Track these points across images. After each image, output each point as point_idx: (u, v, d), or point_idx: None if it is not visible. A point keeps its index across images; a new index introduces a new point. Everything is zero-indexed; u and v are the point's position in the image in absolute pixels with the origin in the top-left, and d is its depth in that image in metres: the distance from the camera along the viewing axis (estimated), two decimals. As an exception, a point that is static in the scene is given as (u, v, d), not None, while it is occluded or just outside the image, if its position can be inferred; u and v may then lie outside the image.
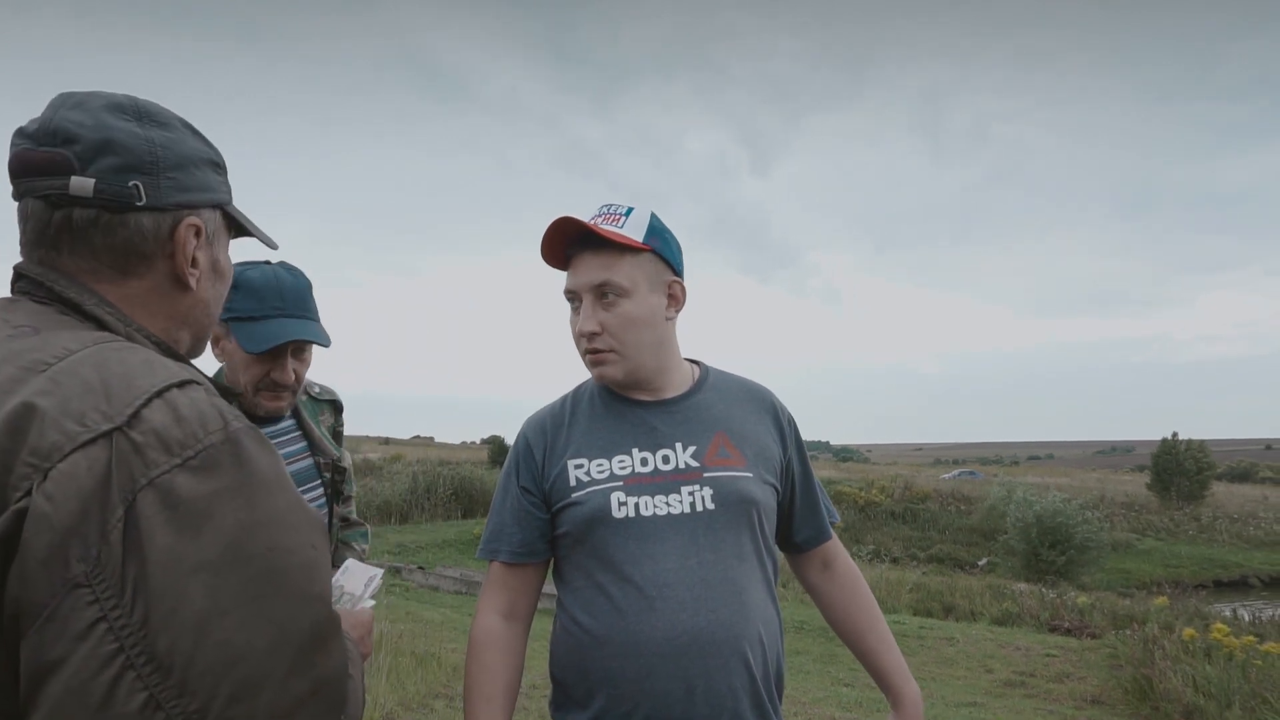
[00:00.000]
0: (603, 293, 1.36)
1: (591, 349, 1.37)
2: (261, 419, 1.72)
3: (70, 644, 0.66)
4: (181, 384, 0.76)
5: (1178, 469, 29.16)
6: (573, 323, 1.41)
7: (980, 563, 21.11)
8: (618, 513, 1.33)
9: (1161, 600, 10.23)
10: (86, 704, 0.65)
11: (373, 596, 1.21)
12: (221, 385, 0.89)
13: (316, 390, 1.96)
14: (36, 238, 0.86)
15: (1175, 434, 30.53)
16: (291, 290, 1.66)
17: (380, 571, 1.25)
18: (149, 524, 0.68)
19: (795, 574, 1.62)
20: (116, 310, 0.86)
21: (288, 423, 1.81)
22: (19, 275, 0.87)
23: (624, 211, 1.38)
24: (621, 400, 1.45)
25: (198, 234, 0.91)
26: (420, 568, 13.82)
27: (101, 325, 0.85)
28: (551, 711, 1.42)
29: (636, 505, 1.34)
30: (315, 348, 1.74)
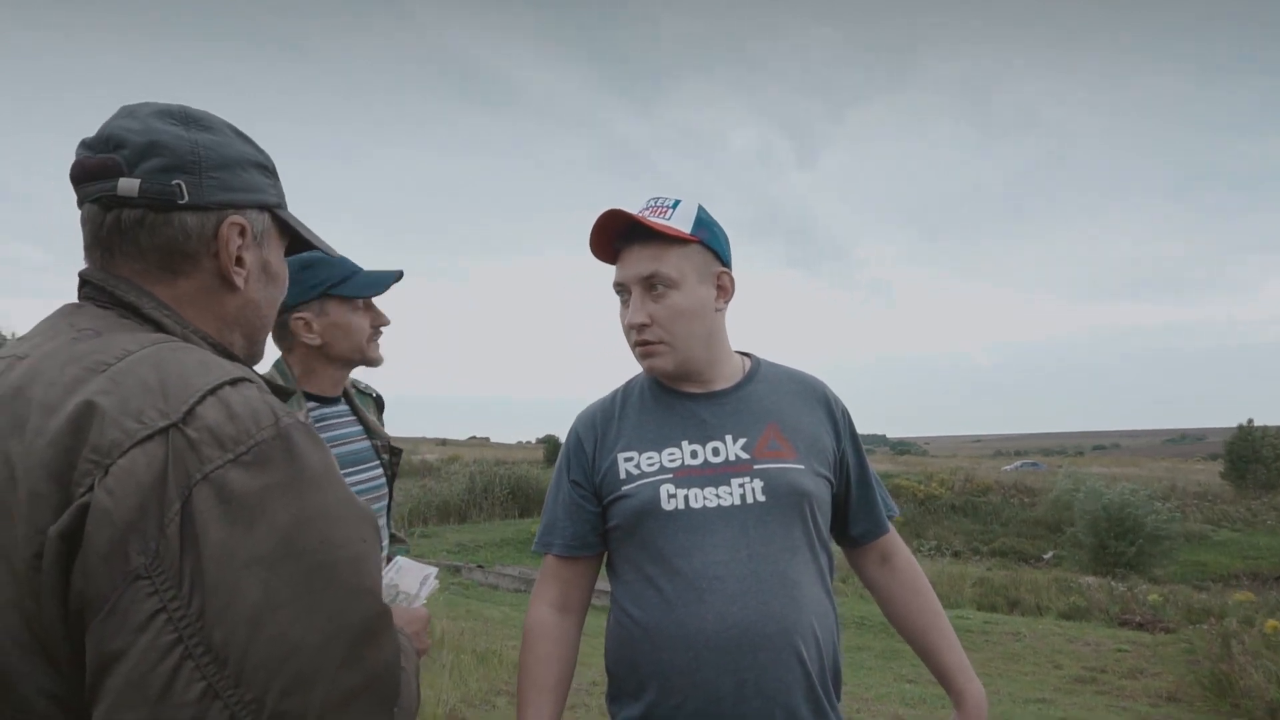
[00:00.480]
0: (651, 284, 1.36)
1: (641, 341, 1.37)
2: (322, 399, 1.81)
3: (131, 635, 0.67)
4: (234, 381, 0.78)
5: (1254, 456, 28.05)
6: (622, 315, 1.41)
7: (1046, 556, 20.56)
8: (667, 505, 1.33)
9: (1245, 595, 9.84)
10: (147, 694, 0.66)
11: (428, 596, 1.23)
12: (274, 384, 0.90)
13: (363, 385, 2.05)
14: (92, 240, 0.89)
15: (1250, 420, 29.38)
16: (353, 272, 1.81)
17: (434, 571, 1.26)
18: (204, 518, 0.70)
19: (854, 569, 1.59)
20: (173, 312, 0.89)
21: (342, 406, 1.90)
22: (84, 281, 0.90)
23: (671, 204, 1.38)
24: (671, 393, 1.44)
25: (243, 233, 0.92)
26: (480, 566, 14.03)
27: (159, 327, 0.87)
28: (607, 704, 1.43)
29: (686, 497, 1.33)
30: None
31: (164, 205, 0.87)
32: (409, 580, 1.21)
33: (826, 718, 1.34)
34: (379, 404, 2.10)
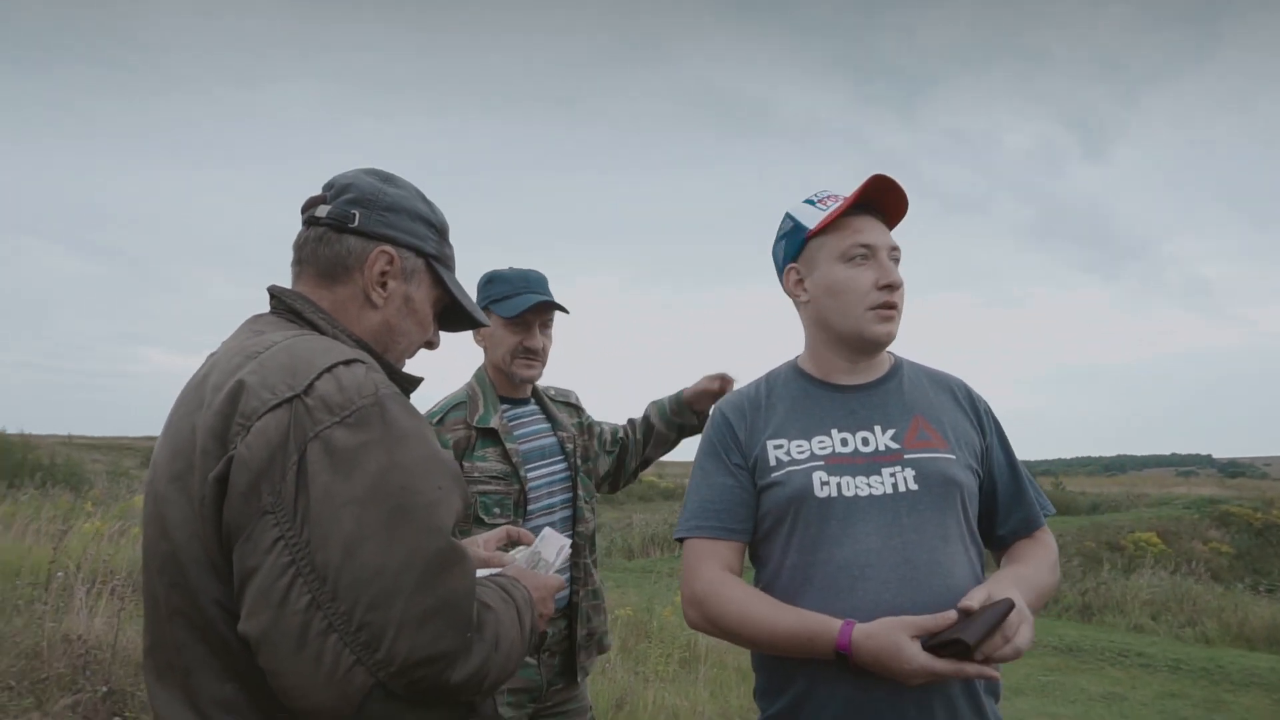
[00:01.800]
0: (895, 258, 1.42)
1: (890, 304, 1.38)
2: (510, 400, 2.12)
3: (261, 556, 0.88)
4: (348, 362, 0.98)
5: None
6: (853, 278, 1.38)
7: None
8: (820, 492, 1.33)
9: None
10: (271, 601, 0.87)
11: (562, 566, 1.31)
12: (394, 369, 1.13)
13: (553, 393, 2.29)
14: (296, 250, 1.17)
15: None
16: (535, 276, 2.12)
17: (568, 542, 1.35)
18: (314, 467, 0.90)
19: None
20: (328, 316, 1.12)
21: (532, 407, 2.19)
22: (271, 295, 1.16)
23: None
24: (818, 384, 1.45)
25: (390, 262, 1.15)
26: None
27: (315, 328, 1.10)
28: (756, 700, 1.42)
29: (839, 485, 1.33)
30: (557, 331, 2.16)
31: (339, 226, 1.13)
32: (549, 549, 1.30)
33: (982, 711, 1.27)
34: (573, 408, 2.30)
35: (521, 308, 2.04)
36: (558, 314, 2.17)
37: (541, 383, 2.27)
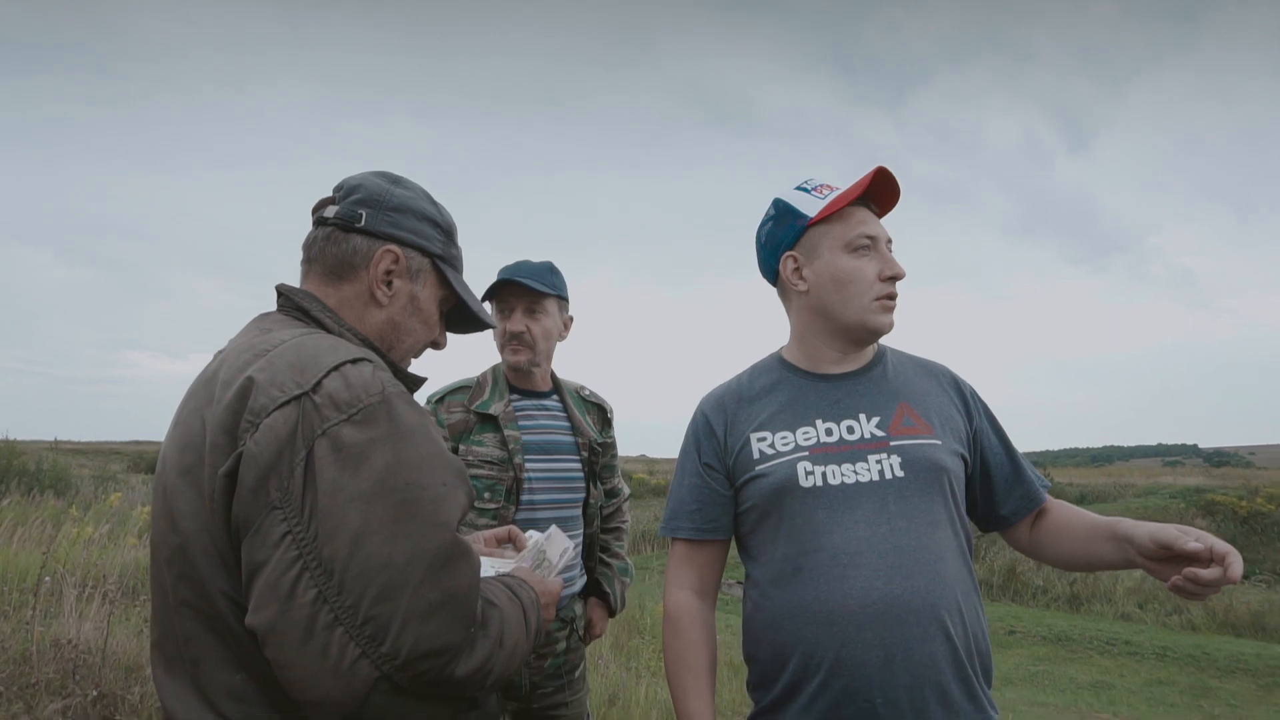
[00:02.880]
0: (890, 249, 1.43)
1: (894, 294, 1.41)
2: (521, 392, 2.12)
3: (269, 550, 0.90)
4: (355, 360, 1.00)
5: None
6: (860, 269, 1.40)
7: None
8: (805, 482, 1.33)
9: None
10: (279, 594, 0.89)
11: (566, 568, 1.31)
12: (398, 368, 1.14)
13: (587, 393, 2.28)
14: (305, 250, 1.19)
15: None
16: (525, 264, 2.10)
17: (571, 545, 1.35)
18: (321, 463, 0.91)
19: (1013, 546, 1.51)
20: (334, 315, 1.14)
21: (554, 402, 2.18)
22: (279, 294, 1.18)
23: None
24: (803, 375, 1.46)
25: (396, 261, 1.16)
26: (740, 582, 14.17)
27: (321, 326, 1.12)
28: (750, 692, 1.42)
29: (824, 474, 1.33)
30: (554, 318, 2.13)
31: (346, 226, 1.15)
32: (554, 549, 1.30)
33: (976, 697, 1.28)
34: (602, 414, 2.28)
35: (490, 295, 2.09)
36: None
37: (574, 379, 2.28)
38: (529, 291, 2.07)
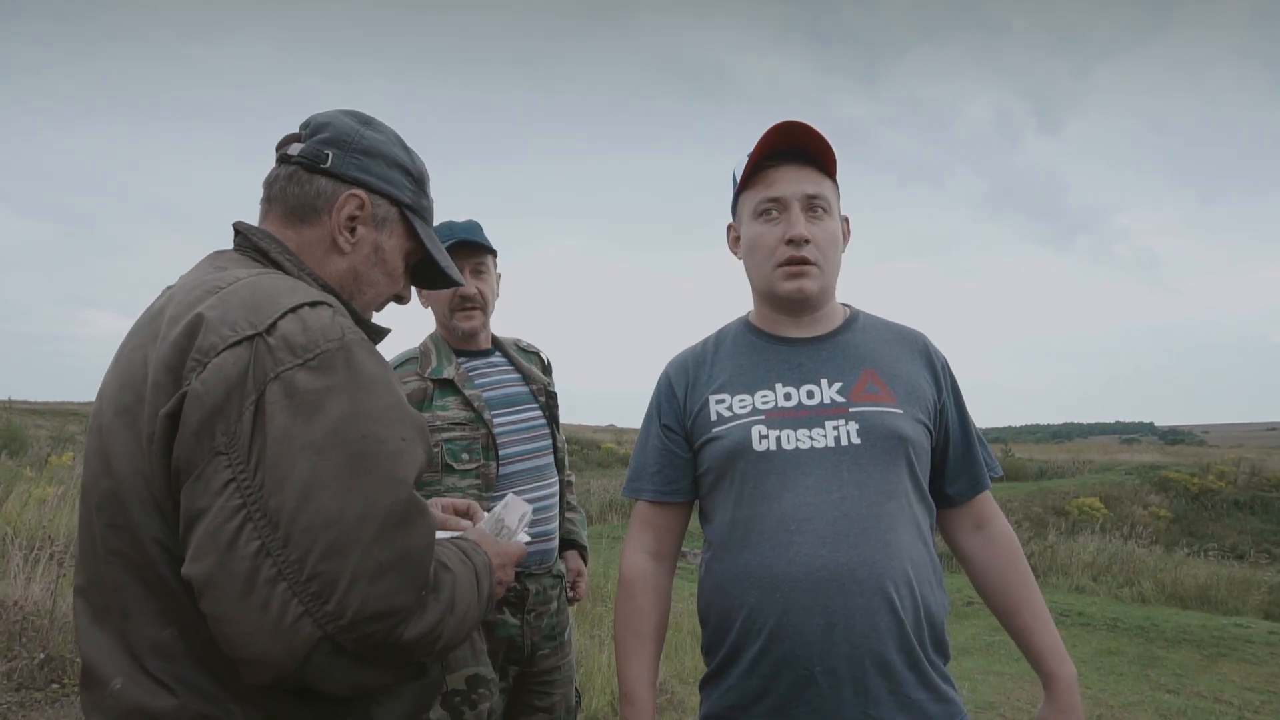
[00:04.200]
0: (812, 206, 1.36)
1: (798, 259, 1.34)
2: (466, 353, 2.08)
3: (210, 498, 0.84)
4: (314, 304, 0.94)
5: None
6: (761, 235, 1.36)
7: (1362, 562, 17.37)
8: (758, 446, 1.31)
9: None
10: (219, 544, 0.83)
11: (525, 531, 1.28)
12: (355, 314, 1.06)
13: (525, 343, 2.25)
14: (265, 188, 1.12)
15: None
16: (462, 225, 2.05)
17: (530, 509, 1.31)
18: (272, 408, 0.86)
19: (945, 536, 1.48)
20: (294, 258, 1.07)
21: (499, 357, 2.15)
22: (236, 231, 1.11)
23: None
24: (767, 337, 1.43)
25: (361, 207, 1.10)
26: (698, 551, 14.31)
27: (280, 268, 1.05)
28: (703, 656, 1.42)
29: (778, 438, 1.31)
30: (493, 275, 2.11)
31: (311, 166, 1.08)
32: (512, 515, 1.26)
33: (922, 669, 1.26)
34: (541, 363, 2.26)
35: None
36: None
37: (509, 335, 2.24)
38: (477, 250, 2.03)
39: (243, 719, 0.91)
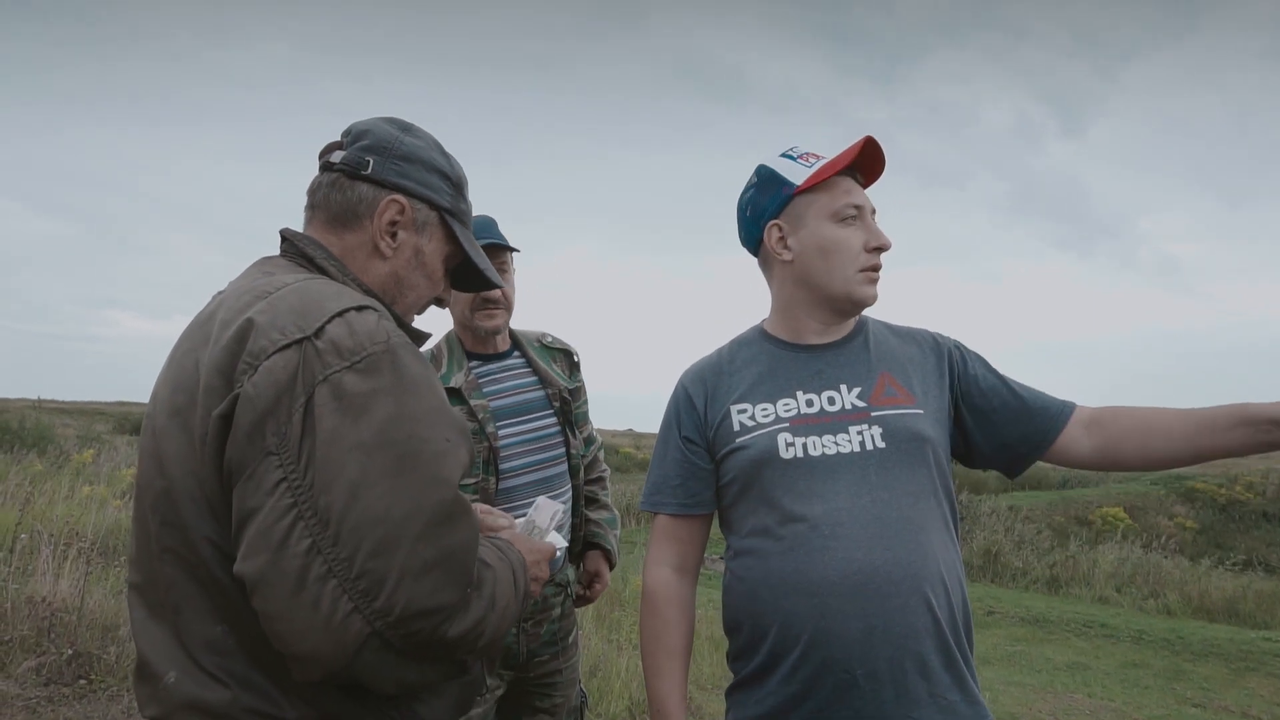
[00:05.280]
0: (875, 220, 1.42)
1: (879, 265, 1.39)
2: (481, 356, 2.03)
3: (262, 497, 0.87)
4: (360, 308, 0.96)
5: None
6: (846, 238, 1.38)
7: (1395, 577, 17.00)
8: (785, 453, 1.32)
9: None
10: (270, 543, 0.86)
11: (557, 529, 1.29)
12: (397, 317, 1.09)
13: (549, 339, 2.18)
14: (309, 195, 1.15)
15: None
16: (481, 221, 1.99)
17: (561, 508, 1.30)
18: (321, 410, 0.88)
19: (1073, 465, 1.42)
20: (339, 263, 1.10)
21: (517, 359, 2.09)
22: (282, 238, 1.14)
23: None
24: (784, 346, 1.44)
25: (401, 212, 1.12)
26: (722, 557, 14.26)
27: (325, 274, 1.08)
28: (730, 664, 1.41)
29: (804, 445, 1.32)
30: (517, 276, 2.08)
31: (352, 173, 1.11)
32: (542, 516, 1.28)
33: (958, 670, 1.26)
34: (569, 359, 2.19)
35: None
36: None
37: (538, 329, 2.18)
38: (498, 250, 1.99)
39: (293, 714, 0.93)
